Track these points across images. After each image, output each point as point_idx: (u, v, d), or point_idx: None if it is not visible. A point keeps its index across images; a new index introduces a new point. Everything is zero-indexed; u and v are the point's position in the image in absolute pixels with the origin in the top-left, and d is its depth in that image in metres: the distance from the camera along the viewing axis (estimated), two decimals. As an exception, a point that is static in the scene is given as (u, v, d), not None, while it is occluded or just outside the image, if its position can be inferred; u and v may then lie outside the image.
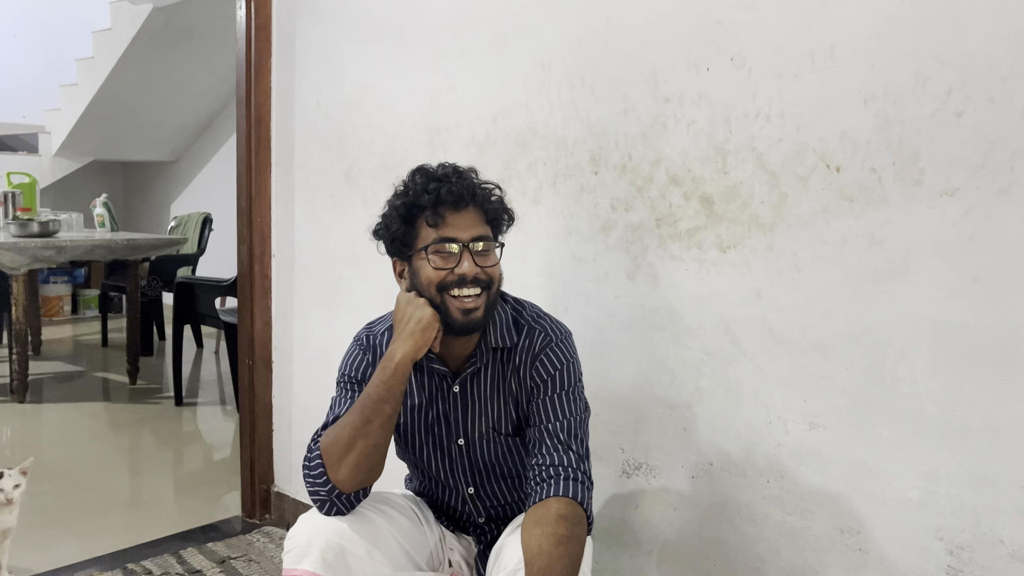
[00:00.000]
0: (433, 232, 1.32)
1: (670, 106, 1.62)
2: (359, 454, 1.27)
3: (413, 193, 1.33)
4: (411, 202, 1.33)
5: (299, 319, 2.52)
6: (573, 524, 1.21)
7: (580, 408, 1.37)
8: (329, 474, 1.29)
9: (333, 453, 1.28)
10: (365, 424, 1.27)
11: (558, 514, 1.21)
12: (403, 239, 1.35)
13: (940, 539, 1.34)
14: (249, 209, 2.54)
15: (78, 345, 5.54)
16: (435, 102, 2.06)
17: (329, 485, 1.29)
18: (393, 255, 1.41)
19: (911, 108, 1.33)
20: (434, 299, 1.32)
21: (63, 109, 6.00)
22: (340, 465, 1.28)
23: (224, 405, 4.13)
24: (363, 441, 1.27)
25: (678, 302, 1.64)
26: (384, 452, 1.31)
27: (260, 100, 2.51)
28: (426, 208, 1.31)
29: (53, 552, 2.35)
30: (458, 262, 1.31)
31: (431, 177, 1.34)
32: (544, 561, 1.14)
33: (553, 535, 1.17)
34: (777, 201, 1.49)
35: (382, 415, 1.27)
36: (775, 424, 1.52)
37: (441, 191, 1.31)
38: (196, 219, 5.38)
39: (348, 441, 1.27)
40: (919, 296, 1.34)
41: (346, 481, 1.28)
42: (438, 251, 1.31)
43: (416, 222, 1.34)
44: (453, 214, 1.32)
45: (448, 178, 1.33)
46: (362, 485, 1.31)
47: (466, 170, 1.38)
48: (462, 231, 1.32)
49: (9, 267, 3.81)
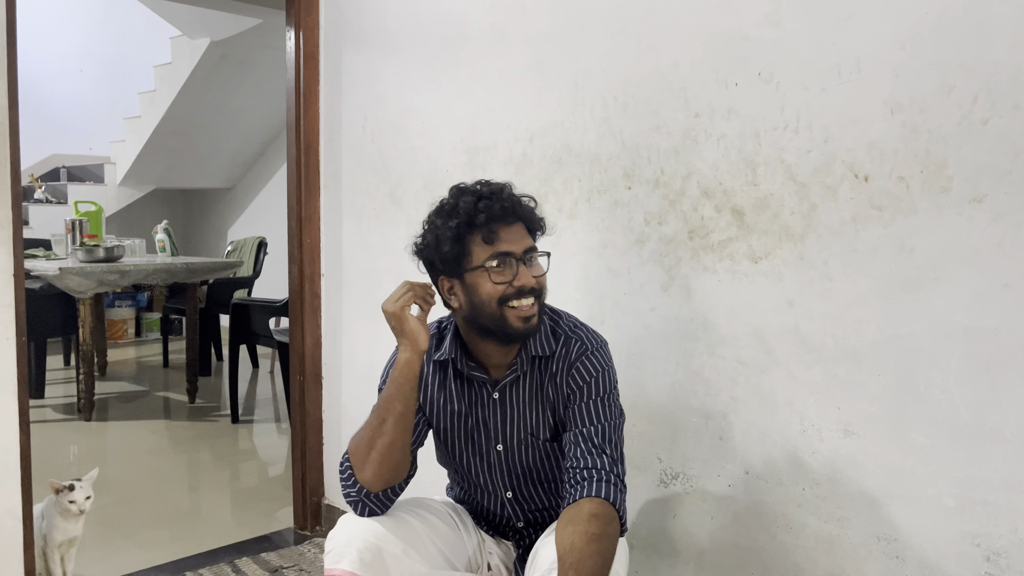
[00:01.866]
0: (489, 249, 1.36)
1: (700, 121, 1.66)
2: (379, 452, 1.34)
3: (464, 213, 1.37)
4: (464, 222, 1.37)
5: (347, 336, 2.61)
6: (605, 523, 1.25)
7: (615, 414, 1.40)
8: (356, 474, 1.35)
9: (358, 454, 1.36)
10: (381, 423, 1.34)
11: (590, 513, 1.25)
12: (455, 258, 1.38)
13: (977, 545, 1.34)
14: (299, 231, 2.64)
15: (141, 366, 5.74)
16: (474, 124, 2.13)
17: (358, 486, 1.35)
18: (441, 274, 1.43)
19: (937, 117, 1.35)
20: (493, 312, 1.37)
21: (127, 140, 6.28)
22: (365, 465, 1.34)
23: (279, 423, 4.24)
24: (380, 440, 1.33)
25: (712, 313, 1.67)
26: (403, 451, 1.37)
27: (309, 126, 2.62)
28: (480, 227, 1.36)
29: (116, 561, 2.46)
30: (515, 275, 1.36)
31: (479, 195, 1.39)
32: (575, 557, 1.17)
33: (585, 533, 1.21)
34: (807, 211, 1.51)
35: (394, 413, 1.34)
36: (809, 432, 1.53)
37: (493, 208, 1.36)
38: (251, 243, 5.56)
39: (368, 441, 1.35)
40: (950, 303, 1.35)
41: (372, 480, 1.34)
42: (496, 266, 1.36)
43: (468, 241, 1.37)
44: (505, 229, 1.37)
45: (496, 195, 1.38)
46: (388, 484, 1.36)
47: (506, 185, 1.43)
48: (515, 245, 1.37)
49: (77, 291, 3.99)
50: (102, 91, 6.95)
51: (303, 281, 2.66)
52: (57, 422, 4.15)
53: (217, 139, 6.31)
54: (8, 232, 1.97)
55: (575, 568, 1.16)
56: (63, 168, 6.80)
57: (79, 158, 6.85)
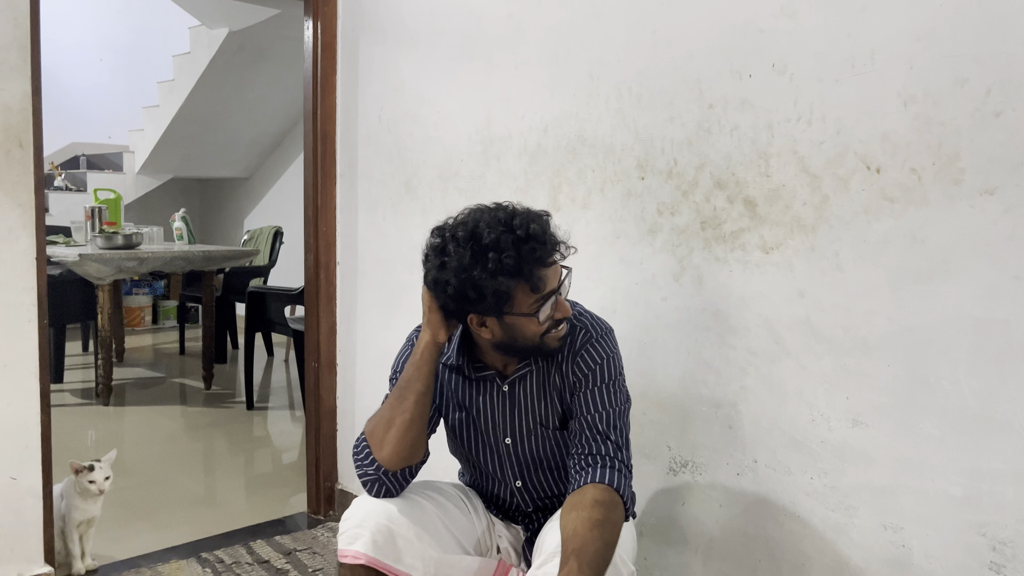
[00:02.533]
0: (535, 295, 1.33)
1: (714, 112, 1.67)
2: (398, 429, 1.36)
3: (513, 268, 1.28)
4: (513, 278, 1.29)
5: (362, 324, 2.64)
6: (608, 509, 1.26)
7: (620, 400, 1.42)
8: (374, 452, 1.38)
9: (376, 433, 1.38)
10: (401, 402, 1.37)
11: (594, 499, 1.27)
12: (495, 304, 1.32)
13: (983, 535, 1.35)
14: (315, 219, 2.67)
15: (158, 353, 5.81)
16: (489, 114, 2.14)
17: (375, 464, 1.38)
18: (471, 313, 1.36)
19: (951, 109, 1.35)
20: (534, 343, 1.37)
21: (146, 129, 6.34)
22: (383, 443, 1.37)
23: (293, 410, 4.29)
24: (400, 417, 1.36)
25: (723, 303, 1.68)
26: (420, 429, 1.39)
27: (326, 116, 2.64)
28: (526, 277, 1.30)
29: (133, 541, 2.50)
30: (556, 307, 1.36)
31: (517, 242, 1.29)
32: (579, 543, 1.19)
33: (588, 519, 1.23)
34: (819, 203, 1.52)
35: (415, 392, 1.37)
36: (819, 422, 1.55)
37: (538, 256, 1.30)
38: (268, 232, 5.60)
39: (388, 419, 1.37)
40: (961, 295, 1.36)
41: (389, 458, 1.37)
42: (543, 308, 1.34)
43: (512, 288, 1.31)
44: (545, 270, 1.34)
45: (536, 238, 1.30)
46: (405, 463, 1.39)
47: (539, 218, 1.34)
48: (555, 280, 1.36)
49: (96, 277, 4.04)
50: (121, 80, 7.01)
51: (319, 269, 2.69)
52: (76, 406, 4.21)
53: (234, 129, 6.36)
54: (31, 216, 2.00)
55: (577, 554, 1.18)
56: (82, 156, 6.86)
57: (98, 146, 6.92)
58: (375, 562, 1.32)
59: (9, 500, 2.02)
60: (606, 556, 1.21)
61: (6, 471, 2.01)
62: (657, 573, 1.83)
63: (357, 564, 1.33)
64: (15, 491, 2.03)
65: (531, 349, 1.39)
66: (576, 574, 1.16)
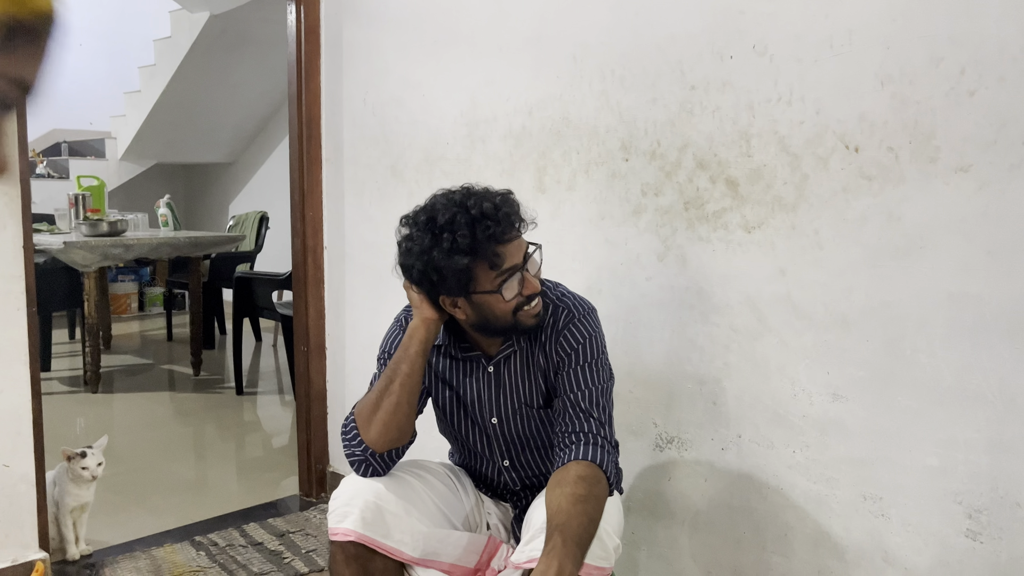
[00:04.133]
0: (495, 272, 1.35)
1: (696, 93, 1.69)
2: (385, 412, 1.39)
3: (470, 247, 1.30)
4: (464, 252, 1.30)
5: (350, 308, 2.65)
6: (591, 484, 1.29)
7: (604, 378, 1.44)
8: (361, 434, 1.40)
9: (364, 414, 1.41)
10: (388, 384, 1.39)
11: (577, 475, 1.30)
12: (458, 284, 1.34)
13: (959, 503, 1.39)
14: (302, 204, 2.68)
15: (145, 340, 5.80)
16: (474, 97, 2.15)
17: (363, 445, 1.40)
18: (441, 294, 1.38)
19: (926, 88, 1.38)
20: (506, 321, 1.39)
21: (127, 115, 6.29)
22: (370, 425, 1.39)
23: (282, 394, 4.30)
24: (387, 400, 1.38)
25: (706, 282, 1.71)
26: (407, 412, 1.41)
27: (310, 100, 2.64)
28: (483, 255, 1.32)
29: (127, 526, 2.53)
30: (523, 284, 1.37)
31: (471, 218, 1.31)
32: (563, 518, 1.22)
33: (572, 495, 1.26)
34: (799, 182, 1.55)
35: (401, 374, 1.39)
36: (800, 396, 1.58)
37: (495, 234, 1.32)
38: (253, 218, 5.59)
39: (375, 402, 1.40)
40: (936, 270, 1.39)
41: (376, 440, 1.39)
42: (507, 285, 1.36)
43: (472, 268, 1.33)
44: (505, 247, 1.35)
45: (491, 215, 1.32)
46: (391, 445, 1.41)
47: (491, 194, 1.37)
48: (516, 256, 1.37)
49: (81, 264, 4.03)
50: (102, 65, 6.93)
51: (306, 254, 2.70)
52: (64, 394, 4.21)
53: (218, 114, 6.32)
54: (17, 204, 2.00)
55: (561, 529, 1.20)
56: (64, 143, 6.81)
57: (80, 133, 6.86)
58: (365, 538, 1.35)
59: (2, 487, 2.03)
60: (590, 530, 1.24)
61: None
62: (645, 547, 1.87)
63: (347, 541, 1.36)
64: (8, 478, 2.04)
65: (507, 328, 1.40)
66: (560, 548, 1.18)
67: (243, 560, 2.28)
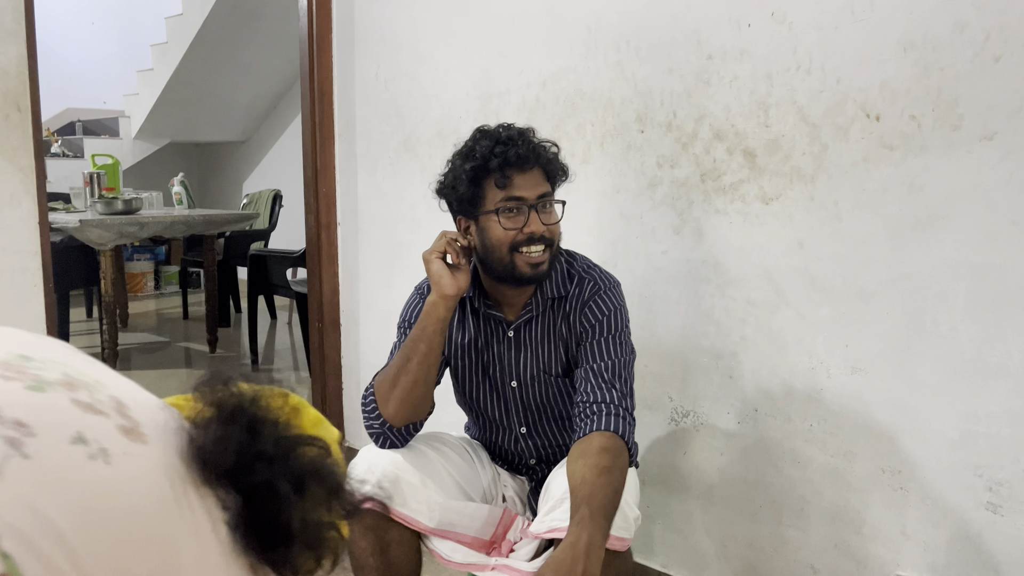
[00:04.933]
0: (501, 193, 1.38)
1: (713, 63, 1.66)
2: (402, 389, 1.38)
3: (480, 156, 1.38)
4: (478, 165, 1.38)
5: (364, 283, 2.65)
6: (615, 456, 1.29)
7: (626, 351, 1.44)
8: (380, 408, 1.40)
9: (382, 389, 1.41)
10: (406, 362, 1.38)
11: (600, 447, 1.30)
12: (470, 200, 1.41)
13: (979, 476, 1.38)
14: (315, 180, 2.67)
15: (161, 318, 5.84)
16: (487, 70, 2.13)
17: (381, 419, 1.40)
18: (458, 214, 1.47)
19: (950, 55, 1.35)
20: (503, 257, 1.39)
21: (140, 94, 6.28)
22: (388, 400, 1.39)
23: (298, 371, 4.32)
24: (404, 377, 1.38)
25: (722, 255, 1.69)
26: (425, 389, 1.41)
27: (322, 75, 2.63)
28: (494, 171, 1.37)
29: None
30: (526, 221, 1.38)
31: (496, 140, 1.39)
32: (588, 490, 1.22)
33: (596, 466, 1.25)
34: (818, 152, 1.53)
35: (418, 353, 1.38)
36: (818, 370, 1.57)
37: (508, 154, 1.37)
38: (267, 196, 5.59)
39: (393, 378, 1.39)
40: (958, 241, 1.37)
41: (395, 415, 1.39)
42: (508, 212, 1.38)
43: (483, 184, 1.39)
44: (520, 175, 1.38)
45: (513, 140, 1.38)
46: (409, 420, 1.41)
47: (526, 130, 1.44)
48: (528, 191, 1.38)
49: (97, 243, 4.05)
50: (114, 44, 6.93)
51: (320, 230, 2.70)
52: (82, 372, 4.24)
53: (231, 92, 6.31)
54: (32, 181, 2.01)
55: (587, 500, 1.21)
56: (78, 122, 6.82)
57: (94, 112, 6.87)
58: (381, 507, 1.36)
59: (23, 461, 2.05)
60: (615, 501, 1.24)
61: (18, 433, 2.04)
62: (660, 520, 1.87)
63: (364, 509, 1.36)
64: (28, 452, 2.06)
65: (506, 268, 1.40)
66: (588, 520, 1.18)
67: (260, 534, 2.30)
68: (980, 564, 1.39)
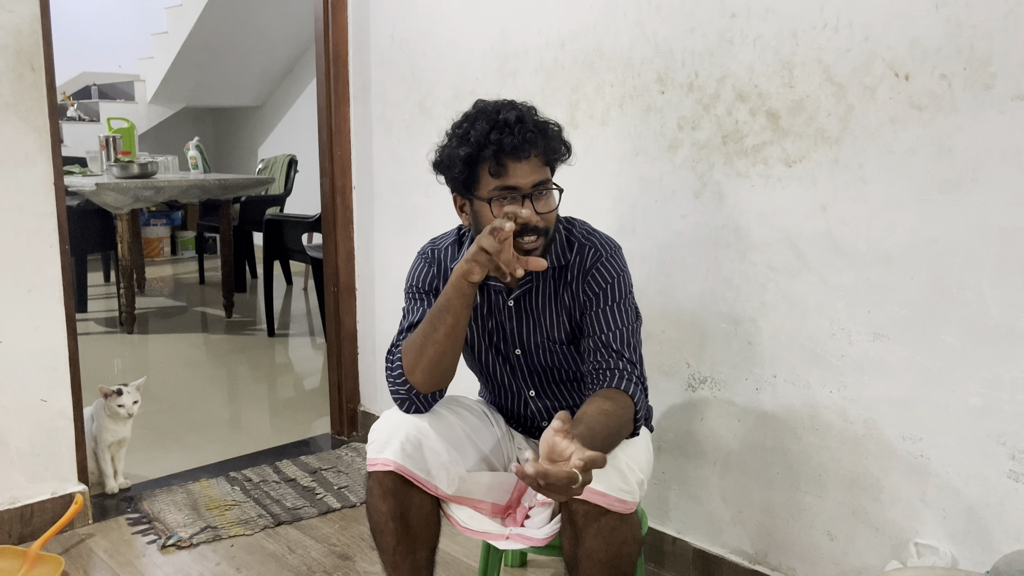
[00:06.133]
0: (495, 182, 1.35)
1: (736, 21, 1.62)
2: (428, 359, 1.37)
3: (475, 142, 1.34)
4: (473, 152, 1.35)
5: (379, 248, 2.64)
6: (617, 405, 1.29)
7: (631, 318, 1.42)
8: (406, 374, 1.39)
9: (409, 357, 1.39)
10: (432, 332, 1.36)
11: (605, 396, 1.31)
12: (464, 181, 1.39)
13: (1002, 444, 1.35)
14: (330, 143, 2.65)
15: (178, 283, 5.87)
16: (504, 29, 2.09)
17: (408, 385, 1.39)
18: (454, 191, 1.45)
19: (983, 11, 1.30)
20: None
21: (155, 57, 6.26)
22: (415, 368, 1.38)
23: (313, 336, 4.34)
24: (431, 348, 1.36)
25: (743, 219, 1.66)
26: (452, 359, 1.40)
27: (337, 36, 2.59)
28: (487, 158, 1.34)
29: (164, 462, 2.58)
30: (520, 207, 1.34)
31: (493, 124, 1.34)
32: (587, 421, 1.23)
33: (598, 408, 1.27)
34: (844, 113, 1.49)
35: (445, 324, 1.35)
36: (839, 336, 1.54)
37: (504, 142, 1.33)
38: (282, 161, 5.58)
39: (420, 347, 1.37)
40: (987, 204, 1.33)
41: (421, 383, 1.38)
42: (501, 201, 1.35)
43: (477, 168, 1.36)
44: (515, 163, 1.34)
45: (510, 127, 1.34)
46: (435, 388, 1.41)
47: (526, 112, 1.38)
48: (523, 179, 1.35)
49: (113, 206, 4.06)
50: (129, 6, 6.89)
51: (335, 194, 2.68)
52: (100, 335, 4.29)
53: (245, 56, 6.27)
54: (47, 141, 2.00)
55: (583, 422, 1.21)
56: (94, 86, 6.81)
57: (109, 76, 6.86)
58: (404, 470, 1.35)
59: (41, 421, 2.07)
60: (611, 439, 1.24)
61: (36, 393, 2.06)
62: (675, 487, 1.86)
63: (386, 471, 1.36)
64: (46, 412, 2.08)
65: None
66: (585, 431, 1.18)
67: (276, 495, 2.32)
68: (1000, 532, 1.38)
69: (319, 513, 2.22)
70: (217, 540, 2.08)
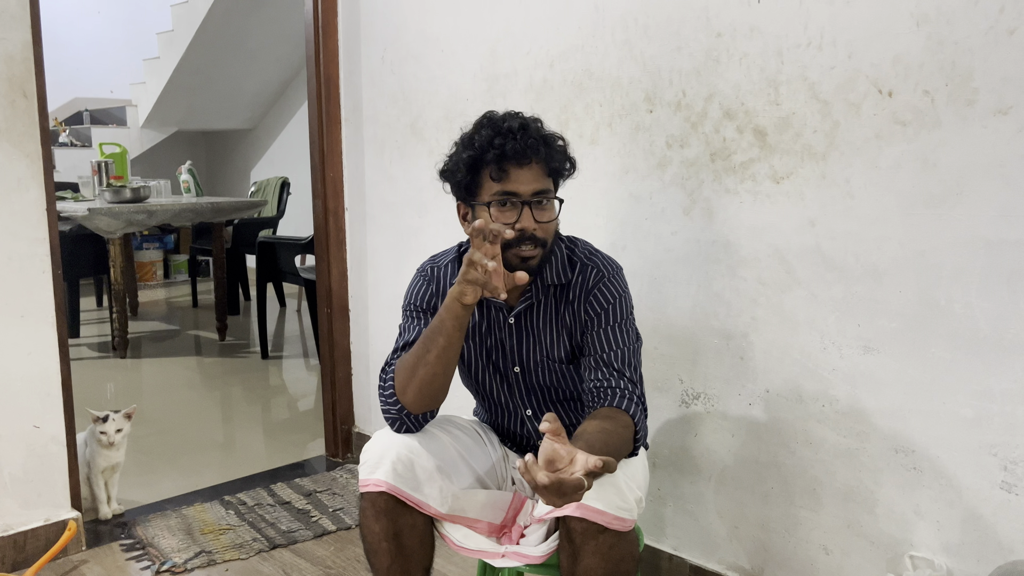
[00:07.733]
0: (496, 186, 1.38)
1: (722, 40, 1.64)
2: (420, 381, 1.37)
3: (479, 147, 1.38)
4: (476, 156, 1.38)
5: (372, 268, 2.64)
6: (617, 424, 1.29)
7: (632, 338, 1.43)
8: (398, 394, 1.39)
9: (401, 377, 1.39)
10: (425, 353, 1.36)
11: (605, 415, 1.31)
12: (468, 187, 1.42)
13: (994, 455, 1.36)
14: (322, 165, 2.66)
15: (171, 306, 5.85)
16: (493, 50, 2.11)
17: (399, 405, 1.39)
18: (459, 199, 1.48)
19: (964, 28, 1.33)
20: None
21: (147, 82, 6.28)
22: (407, 388, 1.38)
23: (307, 358, 4.33)
24: (423, 369, 1.36)
25: (733, 235, 1.67)
26: (443, 381, 1.40)
27: (328, 59, 2.61)
28: (490, 163, 1.37)
29: (158, 486, 2.56)
30: (518, 217, 1.37)
31: (497, 131, 1.38)
32: (586, 438, 1.21)
33: (598, 426, 1.27)
34: (829, 129, 1.51)
35: (437, 346, 1.35)
36: (829, 349, 1.55)
37: (506, 147, 1.36)
38: (275, 184, 5.59)
39: (411, 368, 1.38)
40: (973, 216, 1.35)
41: (413, 403, 1.39)
42: (500, 206, 1.37)
43: (480, 174, 1.40)
44: (516, 169, 1.37)
45: (513, 133, 1.37)
46: (427, 408, 1.41)
47: (531, 122, 1.41)
48: (524, 186, 1.37)
49: (106, 231, 4.06)
50: (120, 32, 6.93)
51: (327, 215, 2.69)
52: (93, 359, 4.27)
53: (237, 79, 6.30)
54: (39, 167, 2.00)
55: (582, 438, 1.20)
56: (86, 112, 6.82)
57: (101, 101, 6.87)
58: (396, 490, 1.35)
59: (34, 447, 2.06)
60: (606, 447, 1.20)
61: (29, 419, 2.05)
62: (671, 503, 1.86)
63: (378, 491, 1.36)
64: (39, 438, 2.07)
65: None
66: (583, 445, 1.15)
67: (271, 518, 2.31)
68: (994, 543, 1.38)
69: (314, 536, 2.21)
70: (212, 565, 2.06)
